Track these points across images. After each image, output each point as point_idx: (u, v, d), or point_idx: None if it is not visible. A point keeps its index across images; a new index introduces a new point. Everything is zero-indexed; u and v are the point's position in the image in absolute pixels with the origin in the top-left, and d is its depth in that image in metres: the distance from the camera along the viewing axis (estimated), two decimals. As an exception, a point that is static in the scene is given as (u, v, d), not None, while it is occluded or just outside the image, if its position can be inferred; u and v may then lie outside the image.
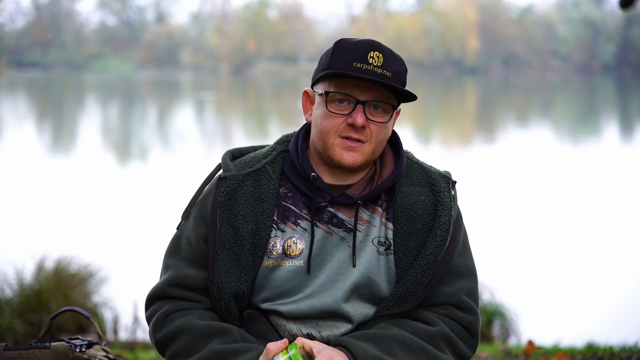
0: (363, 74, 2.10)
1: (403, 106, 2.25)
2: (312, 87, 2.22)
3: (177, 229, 2.27)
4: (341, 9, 78.82)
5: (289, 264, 2.16)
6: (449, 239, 2.17)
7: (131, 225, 10.38)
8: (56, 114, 31.53)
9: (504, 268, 8.40)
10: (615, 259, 9.14)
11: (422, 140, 22.84)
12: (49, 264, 6.42)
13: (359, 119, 2.11)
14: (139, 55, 67.56)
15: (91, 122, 29.45)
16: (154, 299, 2.22)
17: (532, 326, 6.66)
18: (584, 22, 65.13)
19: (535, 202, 12.60)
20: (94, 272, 6.62)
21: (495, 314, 6.60)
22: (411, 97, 2.15)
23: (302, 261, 2.16)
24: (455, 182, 2.26)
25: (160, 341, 2.17)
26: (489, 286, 6.80)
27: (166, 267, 2.23)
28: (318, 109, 2.18)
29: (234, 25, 67.17)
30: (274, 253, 2.17)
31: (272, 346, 2.02)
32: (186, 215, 2.25)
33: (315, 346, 2.04)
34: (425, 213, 2.19)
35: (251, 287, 2.18)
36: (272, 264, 2.17)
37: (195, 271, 2.18)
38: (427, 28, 63.92)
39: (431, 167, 2.29)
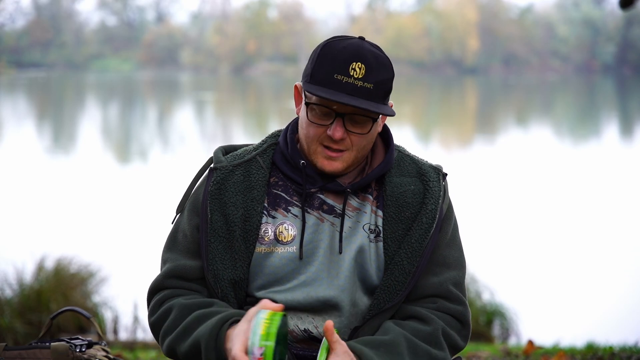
0: (342, 88, 2.09)
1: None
2: (302, 81, 2.23)
3: (172, 223, 2.29)
4: (341, 9, 78.94)
5: (281, 250, 2.17)
6: (434, 226, 2.17)
7: (131, 225, 10.38)
8: (56, 114, 31.54)
9: (504, 268, 8.40)
10: (615, 259, 9.14)
11: (422, 140, 22.83)
12: (49, 264, 6.42)
13: (337, 132, 2.12)
14: (139, 55, 67.59)
15: (91, 122, 29.46)
16: (153, 292, 2.24)
17: (532, 326, 6.66)
18: (584, 22, 65.16)
19: (536, 202, 12.60)
20: (94, 272, 6.61)
21: (495, 314, 6.60)
22: (389, 114, 2.14)
23: (294, 247, 2.17)
24: (446, 174, 2.27)
25: (154, 324, 2.19)
26: (489, 286, 6.80)
27: (164, 261, 2.25)
28: (303, 112, 2.19)
29: (234, 25, 67.19)
30: (266, 239, 2.18)
31: (267, 302, 1.96)
32: (180, 209, 2.27)
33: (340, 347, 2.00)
34: (414, 202, 2.20)
35: (248, 275, 2.19)
36: (265, 250, 2.18)
37: (192, 261, 2.20)
38: (427, 28, 63.93)
39: (422, 159, 2.31)
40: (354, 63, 2.11)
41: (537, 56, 64.32)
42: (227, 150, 2.32)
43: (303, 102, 2.19)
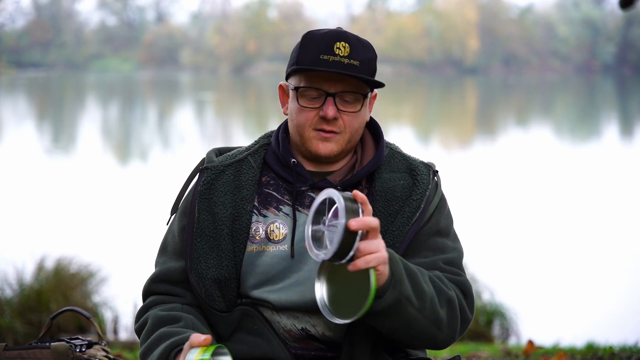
0: (330, 66, 2.12)
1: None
2: (286, 80, 2.25)
3: (167, 224, 2.31)
4: (341, 9, 78.89)
5: (273, 248, 2.18)
6: (417, 214, 2.16)
7: (131, 226, 10.38)
8: (56, 114, 31.54)
9: (504, 268, 8.40)
10: (615, 259, 9.14)
11: (422, 140, 22.84)
12: (49, 264, 6.42)
13: (330, 111, 2.13)
14: (139, 55, 67.59)
15: (91, 122, 29.46)
16: (144, 299, 2.27)
17: (532, 326, 6.65)
18: (584, 22, 65.16)
19: (536, 202, 12.60)
20: (94, 272, 6.62)
21: (495, 314, 6.60)
22: (379, 84, 2.18)
23: (286, 246, 2.17)
24: (437, 171, 2.27)
25: (136, 332, 2.23)
26: (489, 286, 6.79)
27: (155, 265, 2.28)
28: (292, 103, 2.20)
29: (234, 25, 67.19)
30: (257, 238, 2.18)
31: (195, 338, 1.94)
32: (174, 211, 2.29)
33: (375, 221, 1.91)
34: (403, 196, 2.20)
35: (237, 274, 2.18)
36: (256, 249, 2.18)
37: (178, 263, 2.21)
38: (427, 28, 63.94)
39: (414, 157, 2.31)
40: (338, 42, 2.14)
41: (537, 56, 64.33)
42: (221, 152, 2.34)
43: (291, 96, 2.20)
